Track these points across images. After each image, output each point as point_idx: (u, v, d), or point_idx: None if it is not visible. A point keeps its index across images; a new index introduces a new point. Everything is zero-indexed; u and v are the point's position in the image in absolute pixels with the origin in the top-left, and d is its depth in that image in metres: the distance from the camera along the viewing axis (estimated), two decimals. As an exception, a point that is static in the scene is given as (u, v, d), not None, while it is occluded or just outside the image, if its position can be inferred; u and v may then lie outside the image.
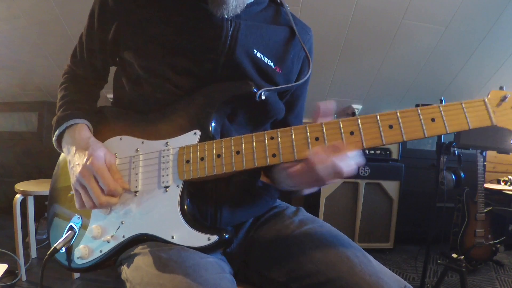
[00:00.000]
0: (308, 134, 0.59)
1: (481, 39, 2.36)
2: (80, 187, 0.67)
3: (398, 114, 0.56)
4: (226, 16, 0.67)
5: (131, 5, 0.71)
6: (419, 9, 2.14)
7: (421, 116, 0.56)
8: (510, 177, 2.64)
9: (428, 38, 2.33)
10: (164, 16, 0.70)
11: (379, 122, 0.57)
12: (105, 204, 0.66)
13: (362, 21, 2.20)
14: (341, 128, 0.58)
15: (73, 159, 0.70)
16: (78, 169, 0.67)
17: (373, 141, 0.57)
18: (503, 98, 0.55)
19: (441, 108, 0.55)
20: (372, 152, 2.49)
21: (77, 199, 0.69)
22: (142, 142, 0.71)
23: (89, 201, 0.66)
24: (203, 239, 0.62)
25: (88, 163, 0.65)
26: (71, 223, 0.74)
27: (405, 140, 0.56)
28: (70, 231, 0.73)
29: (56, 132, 0.75)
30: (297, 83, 0.78)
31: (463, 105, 0.55)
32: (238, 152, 0.62)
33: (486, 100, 0.55)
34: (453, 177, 2.06)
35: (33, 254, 2.05)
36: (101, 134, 0.76)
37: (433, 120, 0.55)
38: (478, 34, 2.33)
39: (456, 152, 1.78)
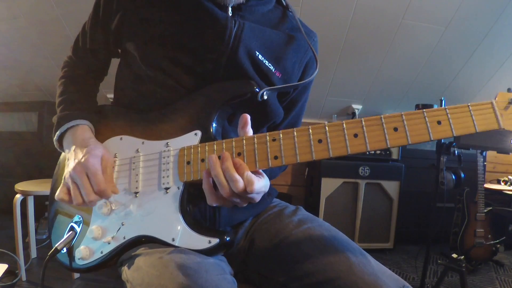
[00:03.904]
0: (311, 136, 0.57)
1: (481, 39, 2.36)
2: (71, 183, 0.66)
3: (403, 116, 0.54)
4: (228, 4, 0.68)
5: (131, 5, 0.72)
6: (419, 9, 2.13)
7: (427, 118, 0.53)
8: (510, 177, 2.64)
9: (428, 38, 2.33)
10: (165, 16, 0.70)
11: (384, 125, 0.55)
12: (92, 203, 0.66)
13: (362, 21, 2.20)
14: (345, 130, 0.56)
15: (71, 156, 0.70)
16: (73, 164, 0.66)
17: (377, 144, 0.55)
18: (511, 101, 0.53)
19: (447, 111, 0.53)
20: (372, 152, 2.49)
21: (62, 191, 0.67)
22: (143, 142, 0.71)
23: (78, 197, 0.65)
24: (203, 241, 0.61)
25: (83, 160, 0.65)
26: (72, 224, 0.74)
27: (410, 143, 0.54)
28: (71, 232, 0.73)
29: (58, 133, 0.75)
30: (299, 82, 0.77)
31: (470, 107, 0.52)
32: (239, 154, 0.60)
33: (494, 102, 0.53)
34: (453, 177, 2.07)
35: (33, 254, 2.05)
36: (101, 133, 0.76)
37: (439, 123, 0.53)
38: (478, 34, 2.33)
39: (456, 152, 1.77)
